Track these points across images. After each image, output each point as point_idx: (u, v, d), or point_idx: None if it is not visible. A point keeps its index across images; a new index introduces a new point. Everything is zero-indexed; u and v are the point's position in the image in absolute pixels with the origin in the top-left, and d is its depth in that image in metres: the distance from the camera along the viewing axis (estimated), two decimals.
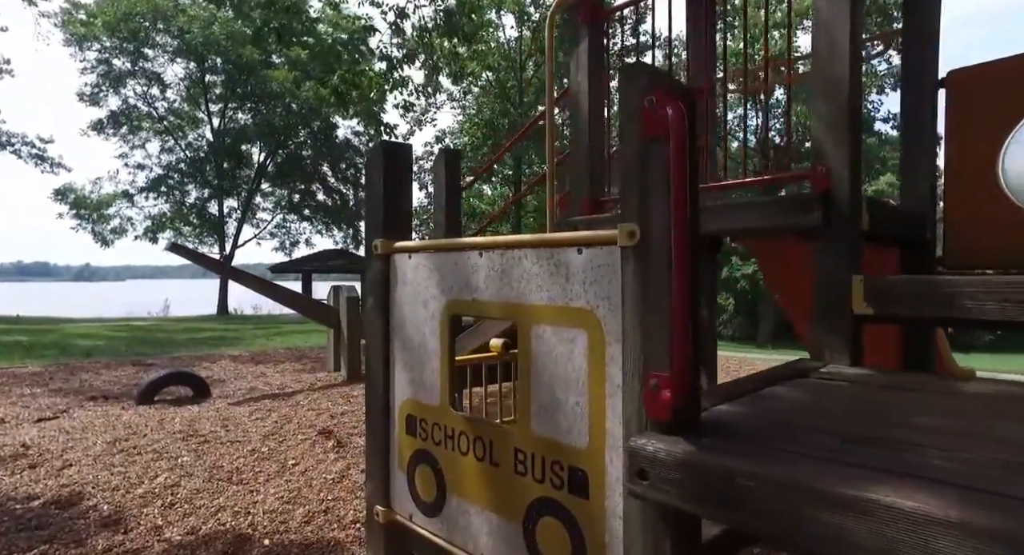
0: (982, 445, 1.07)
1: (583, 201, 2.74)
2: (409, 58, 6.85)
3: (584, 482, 1.37)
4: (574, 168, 2.80)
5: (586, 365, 1.36)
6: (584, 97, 2.74)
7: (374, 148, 2.02)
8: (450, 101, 22.23)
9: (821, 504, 0.88)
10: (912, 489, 0.85)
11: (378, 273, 2.00)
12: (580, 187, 2.76)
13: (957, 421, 1.27)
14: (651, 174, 1.20)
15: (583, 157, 2.74)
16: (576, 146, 2.77)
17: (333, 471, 3.48)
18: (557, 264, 1.43)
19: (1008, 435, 1.14)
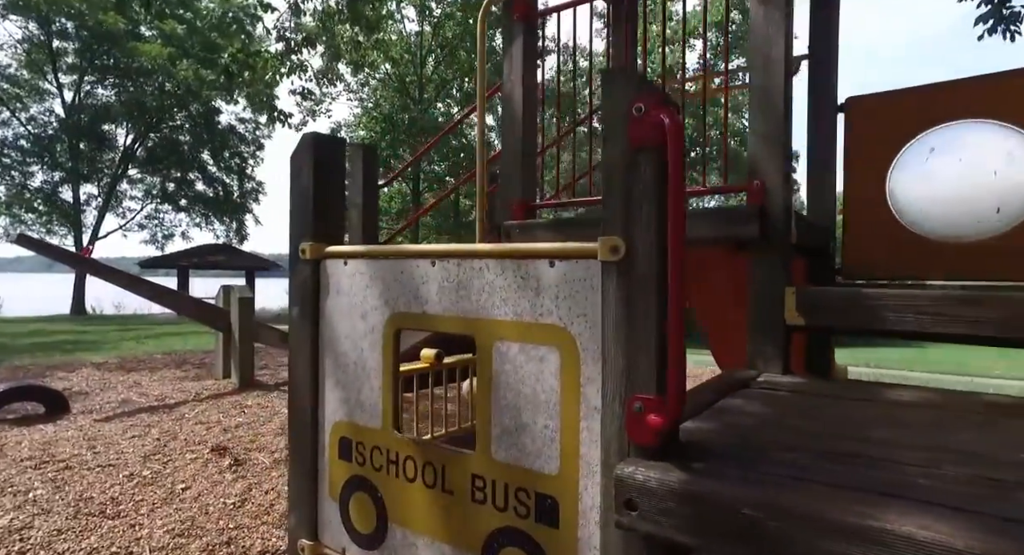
0: (949, 459, 1.12)
1: (516, 204, 2.66)
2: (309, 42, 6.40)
3: (554, 510, 1.28)
4: (506, 170, 2.71)
5: (558, 385, 1.28)
6: (518, 97, 2.66)
7: (302, 140, 1.80)
8: (347, 92, 21.28)
9: (837, 535, 0.86)
10: (919, 515, 0.85)
11: (306, 280, 1.79)
12: (512, 190, 2.68)
13: (910, 432, 1.33)
14: (637, 185, 1.14)
15: (516, 159, 2.66)
16: (508, 147, 2.69)
17: (232, 494, 3.14)
18: (525, 277, 1.33)
19: (964, 446, 1.21)
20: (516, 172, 2.67)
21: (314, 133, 1.80)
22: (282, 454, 3.82)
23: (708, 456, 1.13)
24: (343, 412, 1.72)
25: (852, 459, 1.11)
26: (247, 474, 3.44)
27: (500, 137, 2.71)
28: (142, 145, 24.62)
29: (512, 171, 2.69)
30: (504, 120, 2.72)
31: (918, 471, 1.04)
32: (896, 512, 0.86)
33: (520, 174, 2.66)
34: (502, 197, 2.74)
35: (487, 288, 1.40)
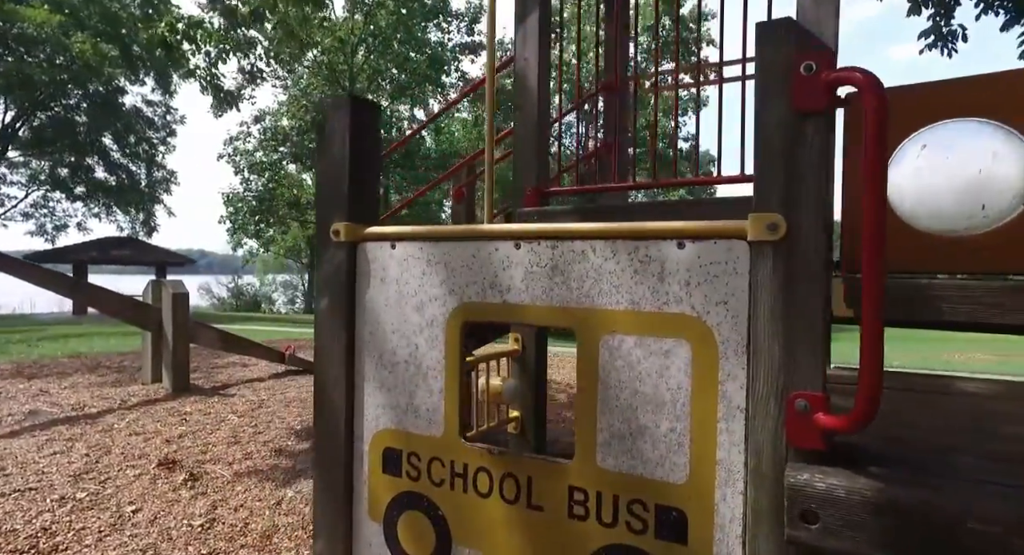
0: None
1: (530, 191, 2.48)
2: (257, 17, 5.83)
3: (681, 524, 1.13)
4: (520, 153, 2.52)
5: (688, 383, 1.12)
6: (533, 74, 2.48)
7: (337, 102, 1.54)
8: (273, 79, 20.02)
9: None
10: None
11: (339, 266, 1.54)
12: (527, 175, 2.50)
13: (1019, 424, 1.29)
14: (803, 155, 1.00)
15: (531, 141, 2.49)
16: (523, 129, 2.50)
17: (195, 514, 2.76)
18: (645, 260, 1.17)
19: None
20: (531, 156, 2.50)
21: (351, 96, 1.55)
22: (243, 466, 3.44)
23: (881, 461, 1.02)
24: (389, 419, 1.49)
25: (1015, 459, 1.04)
26: (207, 490, 3.05)
27: (514, 117, 2.52)
28: (26, 124, 22.06)
29: (526, 155, 2.51)
30: (518, 100, 2.53)
31: None
32: None
33: (535, 158, 2.49)
34: (515, 183, 2.56)
35: (592, 273, 1.22)
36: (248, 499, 2.94)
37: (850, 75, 0.95)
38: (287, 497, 2.97)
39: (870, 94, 0.90)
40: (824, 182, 1.00)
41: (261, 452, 3.71)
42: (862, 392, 0.90)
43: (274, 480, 3.21)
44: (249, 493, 3.02)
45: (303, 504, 2.88)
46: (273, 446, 3.84)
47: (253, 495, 2.99)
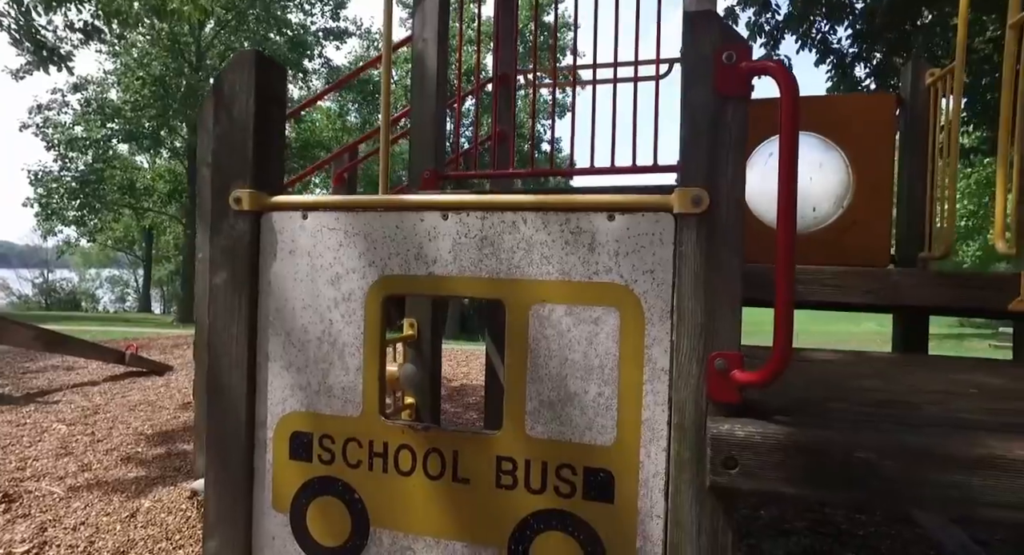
0: (939, 398, 1.30)
1: (428, 173, 2.44)
2: None
3: (608, 484, 1.19)
4: (417, 136, 2.46)
5: (616, 349, 1.18)
6: (432, 56, 2.44)
7: (238, 59, 1.40)
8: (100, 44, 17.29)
9: (952, 467, 0.93)
10: (1008, 441, 0.96)
11: (240, 238, 1.40)
12: (425, 158, 2.45)
13: (883, 382, 1.53)
14: (724, 135, 1.11)
15: (429, 124, 2.44)
16: (420, 111, 2.45)
17: (15, 540, 2.34)
18: (576, 231, 1.21)
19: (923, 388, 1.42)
20: (429, 140, 2.45)
21: (254, 51, 1.42)
22: (80, 479, 2.98)
23: (782, 412, 1.15)
24: (298, 401, 1.39)
25: (888, 404, 1.23)
26: (31, 511, 2.60)
27: (411, 99, 2.47)
28: None
29: (424, 138, 2.46)
30: (415, 82, 2.47)
31: (942, 408, 1.20)
32: (995, 440, 0.96)
33: (433, 142, 2.45)
34: (412, 166, 2.50)
35: (523, 244, 1.24)
36: (90, 515, 2.55)
37: (766, 65, 1.06)
38: (143, 508, 2.62)
39: (784, 82, 1.02)
40: (740, 160, 1.11)
41: (104, 462, 3.24)
42: (777, 346, 1.01)
43: (124, 491, 2.83)
44: (91, 509, 2.62)
45: (165, 513, 2.57)
46: (119, 454, 3.37)
47: (97, 510, 2.60)
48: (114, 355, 5.83)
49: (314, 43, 21.03)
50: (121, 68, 17.34)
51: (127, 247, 33.18)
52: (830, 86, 6.86)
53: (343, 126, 23.66)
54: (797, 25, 6.50)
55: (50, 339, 5.29)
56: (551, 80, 3.85)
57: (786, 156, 1.01)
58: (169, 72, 16.63)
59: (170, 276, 36.74)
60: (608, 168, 2.41)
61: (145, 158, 22.46)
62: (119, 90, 17.53)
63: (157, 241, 30.42)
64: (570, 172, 2.54)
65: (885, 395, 1.34)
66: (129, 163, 21.10)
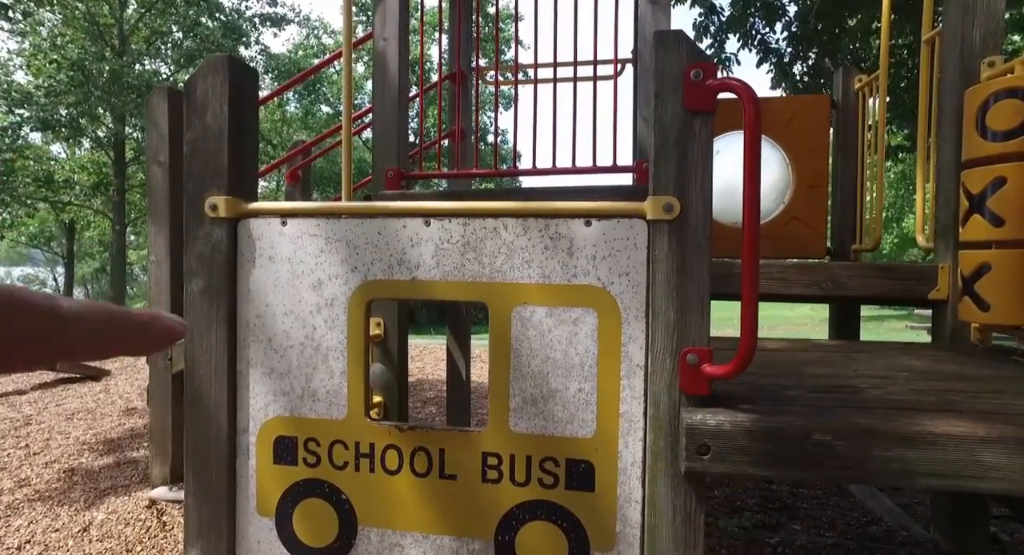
0: (877, 382, 1.45)
1: (392, 173, 2.45)
2: None
3: (589, 474, 1.27)
4: (380, 135, 2.46)
5: (595, 347, 1.26)
6: (394, 54, 2.44)
7: (209, 62, 1.38)
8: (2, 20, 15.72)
9: (893, 444, 1.06)
10: (941, 419, 1.10)
11: (216, 246, 1.39)
12: (387, 157, 2.45)
13: (828, 368, 1.67)
14: (693, 148, 1.20)
15: (391, 122, 2.45)
16: (382, 110, 2.45)
17: None
18: (555, 237, 1.28)
19: (867, 373, 1.57)
20: (392, 138, 2.46)
21: (227, 55, 1.40)
22: (19, 495, 2.84)
23: (746, 400, 1.26)
24: (281, 407, 1.40)
25: (836, 389, 1.36)
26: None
27: (373, 97, 2.47)
28: None
29: (387, 137, 2.46)
30: (377, 81, 2.47)
31: (882, 391, 1.34)
32: (926, 418, 1.10)
33: (396, 141, 2.46)
34: (375, 165, 2.49)
35: (504, 249, 1.29)
36: (36, 532, 2.44)
37: (730, 84, 1.15)
38: (96, 520, 2.53)
39: (748, 101, 1.11)
40: (708, 170, 1.20)
41: (44, 475, 3.09)
42: (744, 343, 1.11)
43: (71, 504, 2.71)
44: (36, 525, 2.51)
45: (122, 525, 2.49)
46: (61, 466, 3.22)
47: (44, 527, 2.49)
48: None
49: (250, 29, 20.16)
50: (30, 49, 16.06)
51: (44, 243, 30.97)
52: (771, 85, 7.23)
53: (282, 117, 22.86)
54: (739, 26, 6.80)
55: None
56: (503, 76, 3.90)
57: (750, 164, 1.11)
58: (88, 56, 15.51)
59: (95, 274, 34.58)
60: (569, 168, 2.49)
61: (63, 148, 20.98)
62: (28, 73, 16.23)
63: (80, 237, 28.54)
64: (532, 172, 2.61)
65: (833, 380, 1.48)
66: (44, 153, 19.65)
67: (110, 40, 17.23)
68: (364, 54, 19.11)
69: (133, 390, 5.28)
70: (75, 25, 16.77)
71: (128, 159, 17.79)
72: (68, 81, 15.32)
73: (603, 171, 2.44)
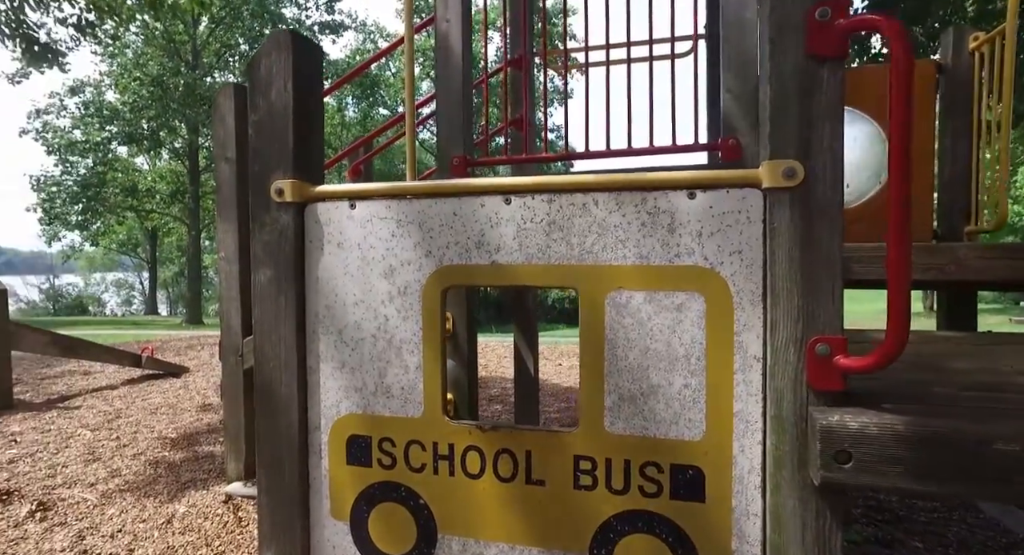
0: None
1: (458, 160, 2.35)
2: None
3: (698, 482, 1.11)
4: (444, 121, 2.37)
5: (703, 336, 1.10)
6: (457, 36, 2.34)
7: (274, 39, 1.31)
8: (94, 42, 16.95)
9: None
10: None
11: (283, 232, 1.31)
12: (453, 144, 2.36)
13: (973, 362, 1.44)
14: (818, 100, 1.01)
15: (456, 108, 2.34)
16: (446, 95, 2.35)
17: (54, 549, 2.28)
18: (653, 212, 1.12)
19: None
20: (456, 124, 2.36)
21: (291, 30, 1.32)
22: (111, 485, 2.92)
23: (888, 399, 1.07)
24: (354, 403, 1.30)
25: (998, 388, 1.14)
26: (67, 519, 2.54)
27: (436, 82, 2.37)
28: None
29: (451, 123, 2.36)
30: (440, 65, 2.37)
31: None
32: None
33: (461, 126, 2.36)
34: (440, 152, 2.40)
35: (595, 228, 1.15)
36: (126, 522, 2.50)
37: (869, 21, 0.96)
38: (179, 513, 2.56)
39: (896, 40, 0.92)
40: (838, 127, 1.01)
41: (132, 467, 3.19)
42: (894, 329, 0.92)
43: (156, 496, 2.77)
44: (126, 515, 2.56)
45: (201, 519, 2.51)
46: (146, 459, 3.32)
47: (132, 516, 2.55)
48: (130, 358, 5.78)
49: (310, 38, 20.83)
50: (117, 69, 17.19)
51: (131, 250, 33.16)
52: None
53: (342, 121, 23.49)
54: None
55: (66, 344, 5.24)
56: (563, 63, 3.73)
57: (899, 127, 0.92)
58: (166, 72, 16.46)
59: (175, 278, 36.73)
60: (646, 148, 2.31)
61: (145, 159, 22.34)
62: (116, 92, 17.37)
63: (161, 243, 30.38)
64: (606, 154, 2.44)
65: (985, 377, 1.25)
66: (129, 165, 21.00)
67: (184, 55, 18.20)
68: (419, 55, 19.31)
69: (209, 386, 5.46)
70: (155, 44, 17.81)
71: (201, 167, 18.72)
72: (149, 96, 16.29)
73: (682, 150, 2.25)
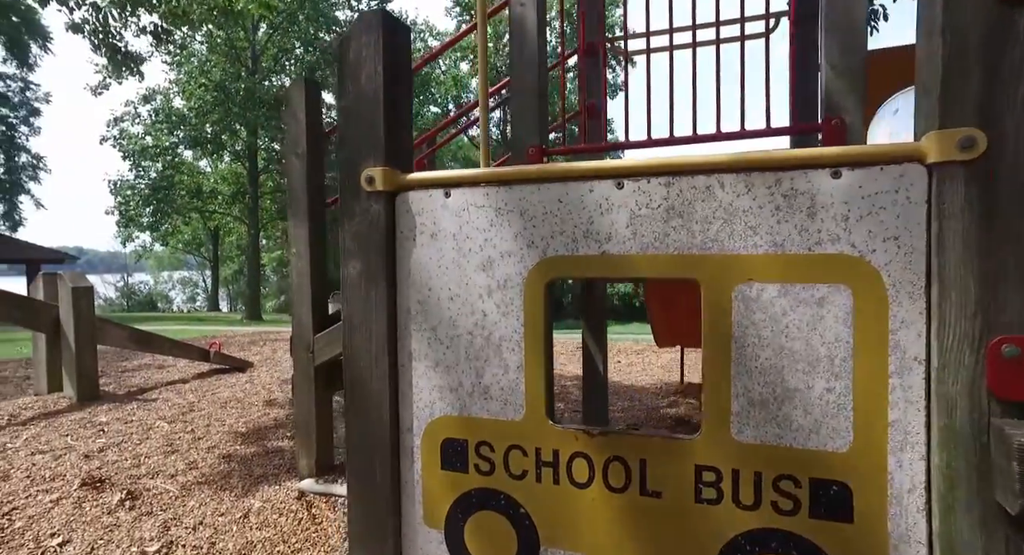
0: None
1: (534, 150, 2.25)
2: None
3: (844, 499, 0.97)
4: (519, 109, 2.28)
5: (850, 335, 0.96)
6: (532, 20, 2.24)
7: (364, 20, 1.24)
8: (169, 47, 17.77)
9: None
10: None
11: (374, 222, 1.25)
12: (528, 133, 2.26)
13: None
14: (1008, 55, 0.86)
15: (532, 95, 2.25)
16: (521, 83, 2.26)
17: (145, 539, 2.33)
18: (789, 194, 0.99)
19: None
20: (531, 113, 2.26)
21: (381, 10, 1.25)
22: (189, 477, 2.98)
23: None
24: (449, 404, 1.23)
25: None
26: (153, 509, 2.59)
27: (510, 69, 2.28)
28: None
29: (526, 112, 2.27)
30: (514, 50, 2.28)
31: None
32: None
33: (536, 114, 2.26)
34: (514, 142, 2.31)
35: (721, 213, 1.03)
36: (206, 515, 2.53)
37: None
38: (255, 508, 2.58)
39: None
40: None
41: (207, 460, 3.25)
42: None
43: (232, 489, 2.80)
44: (206, 508, 2.60)
45: (276, 515, 2.51)
46: (220, 452, 3.38)
47: (211, 509, 2.58)
48: (199, 353, 5.98)
49: None
50: (184, 77, 17.96)
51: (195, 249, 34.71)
52: None
53: None
54: None
55: (142, 339, 5.45)
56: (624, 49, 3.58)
57: None
58: (228, 77, 17.07)
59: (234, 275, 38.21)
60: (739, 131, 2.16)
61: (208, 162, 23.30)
62: (183, 98, 18.15)
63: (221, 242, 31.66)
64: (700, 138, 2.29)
65: None
66: (194, 168, 21.94)
67: (244, 61, 18.81)
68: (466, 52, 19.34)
69: (273, 381, 5.57)
70: (218, 51, 18.49)
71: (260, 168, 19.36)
72: (212, 101, 16.93)
73: (782, 133, 2.08)
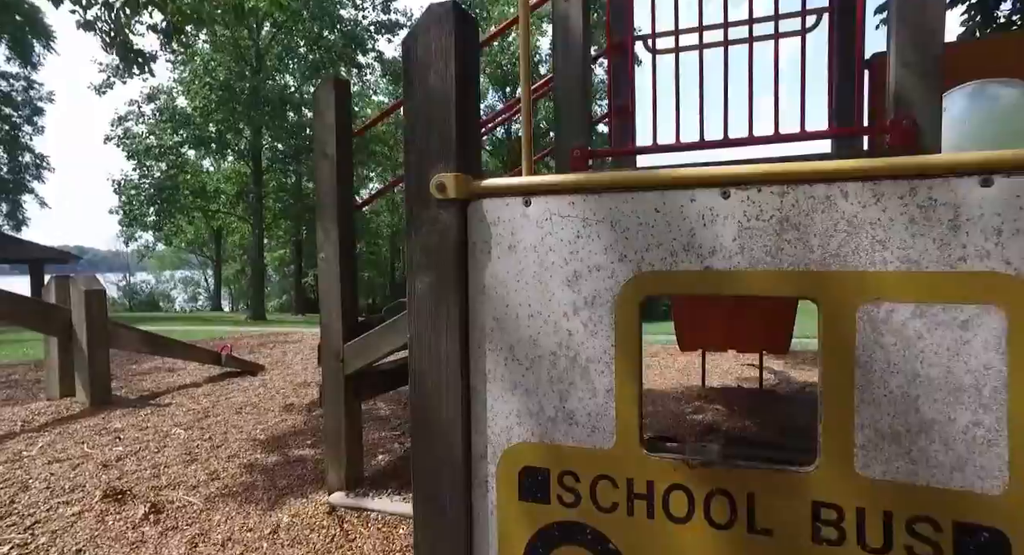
0: None
1: (578, 152, 2.15)
2: None
3: (997, 549, 0.88)
4: (563, 108, 2.18)
5: (1002, 361, 0.86)
6: (577, 15, 2.14)
7: (434, 14, 1.14)
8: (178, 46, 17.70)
9: None
10: None
11: (445, 233, 1.15)
12: (572, 133, 2.17)
13: None
14: None
15: (576, 93, 2.15)
16: (566, 82, 2.16)
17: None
18: (927, 205, 0.89)
19: None
20: (575, 113, 2.16)
21: (452, 2, 1.15)
22: (212, 488, 2.89)
23: None
24: (528, 430, 1.13)
25: None
26: (178, 523, 2.50)
27: (554, 65, 2.18)
28: None
29: (570, 112, 2.17)
30: (558, 46, 2.18)
31: None
32: None
33: (580, 114, 2.16)
34: (559, 143, 2.21)
35: (843, 225, 0.93)
36: (234, 530, 2.44)
37: None
38: (283, 523, 2.49)
39: None
40: None
41: (229, 470, 3.16)
42: None
43: (257, 502, 2.71)
44: (232, 522, 2.51)
45: (307, 530, 2.42)
46: (241, 461, 3.29)
47: (238, 524, 2.49)
48: (210, 356, 5.89)
49: (367, 38, 21.04)
50: (189, 76, 17.86)
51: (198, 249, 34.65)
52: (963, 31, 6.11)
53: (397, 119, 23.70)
54: None
55: (153, 342, 5.36)
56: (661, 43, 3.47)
57: None
58: (232, 76, 16.98)
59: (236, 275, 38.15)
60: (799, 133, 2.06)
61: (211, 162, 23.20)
62: (187, 98, 18.06)
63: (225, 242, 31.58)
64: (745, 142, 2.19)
65: None
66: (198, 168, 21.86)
67: (249, 60, 18.70)
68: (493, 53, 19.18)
69: (287, 385, 5.48)
70: (222, 50, 18.38)
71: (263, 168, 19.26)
72: (217, 100, 16.82)
73: (843, 134, 1.98)
